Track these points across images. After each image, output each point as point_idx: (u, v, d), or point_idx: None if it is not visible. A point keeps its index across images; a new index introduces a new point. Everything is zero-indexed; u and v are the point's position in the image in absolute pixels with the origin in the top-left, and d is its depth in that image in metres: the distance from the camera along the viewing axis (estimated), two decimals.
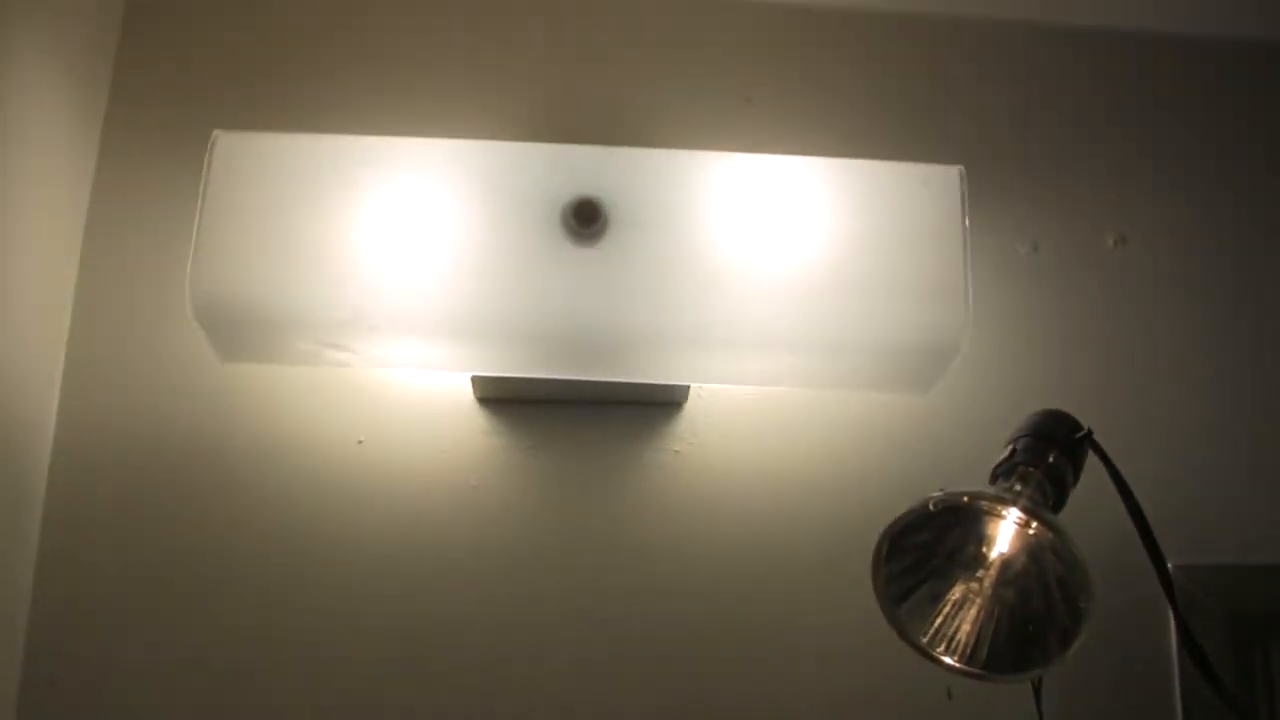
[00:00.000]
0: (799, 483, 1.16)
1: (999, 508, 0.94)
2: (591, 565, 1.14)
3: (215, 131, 1.04)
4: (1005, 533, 0.96)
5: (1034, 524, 0.93)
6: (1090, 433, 1.04)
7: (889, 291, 1.05)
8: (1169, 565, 1.14)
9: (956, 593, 0.96)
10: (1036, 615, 0.95)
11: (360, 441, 1.15)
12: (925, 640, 0.94)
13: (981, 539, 0.97)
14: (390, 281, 1.02)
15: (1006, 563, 0.96)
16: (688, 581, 1.14)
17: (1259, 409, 1.26)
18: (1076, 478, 1.03)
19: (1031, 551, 0.95)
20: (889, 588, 0.95)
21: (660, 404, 1.18)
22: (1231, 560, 1.20)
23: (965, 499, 0.94)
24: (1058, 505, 1.00)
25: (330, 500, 1.14)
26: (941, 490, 0.93)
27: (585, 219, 1.03)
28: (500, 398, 1.17)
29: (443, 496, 1.14)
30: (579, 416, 1.17)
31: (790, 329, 1.04)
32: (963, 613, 0.96)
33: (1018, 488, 0.97)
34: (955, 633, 0.95)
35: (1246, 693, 1.16)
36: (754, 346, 1.06)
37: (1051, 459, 1.00)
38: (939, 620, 0.95)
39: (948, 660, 0.94)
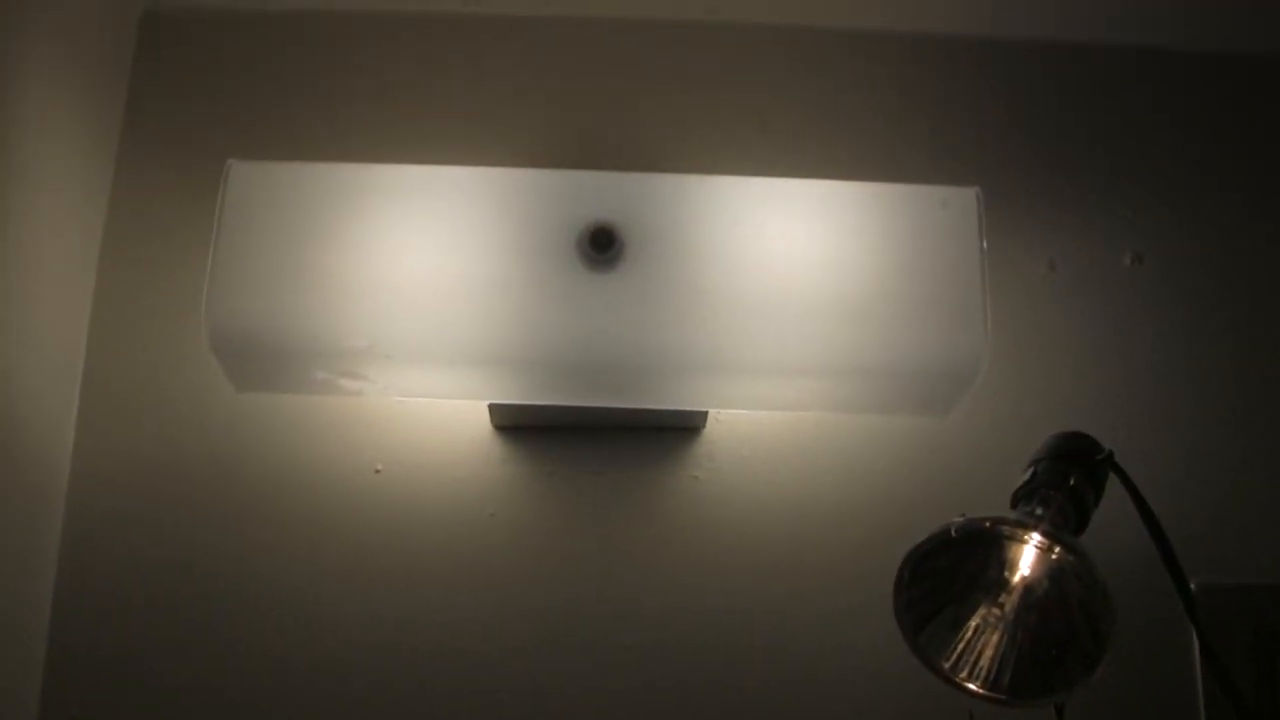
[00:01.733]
0: (819, 507, 1.16)
1: (1020, 532, 0.93)
2: (611, 592, 1.13)
3: (229, 161, 1.04)
4: (1027, 557, 0.95)
5: (1056, 548, 0.92)
6: (1111, 454, 1.03)
7: (907, 314, 1.04)
8: (1191, 585, 1.13)
9: (978, 618, 0.95)
10: (1059, 639, 0.94)
11: (378, 470, 1.15)
12: (948, 665, 0.94)
13: (1003, 563, 0.96)
14: (406, 310, 1.02)
15: (1028, 587, 0.95)
16: (708, 607, 1.13)
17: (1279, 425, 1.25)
18: (1098, 499, 1.02)
19: (1053, 575, 0.94)
20: (910, 613, 0.94)
21: (679, 429, 1.17)
22: (1254, 580, 1.19)
23: (987, 524, 0.94)
24: (1079, 528, 0.99)
25: (348, 529, 1.14)
26: (963, 515, 0.93)
27: (601, 245, 1.03)
28: (518, 425, 1.16)
29: (461, 525, 1.14)
30: (597, 443, 1.16)
31: (808, 353, 1.04)
32: (984, 638, 0.95)
33: (1039, 511, 0.97)
34: (977, 658, 0.94)
35: (1270, 712, 1.15)
36: (771, 371, 1.05)
37: (1072, 481, 1.00)
38: (961, 646, 0.95)
39: (971, 686, 0.93)
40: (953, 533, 0.92)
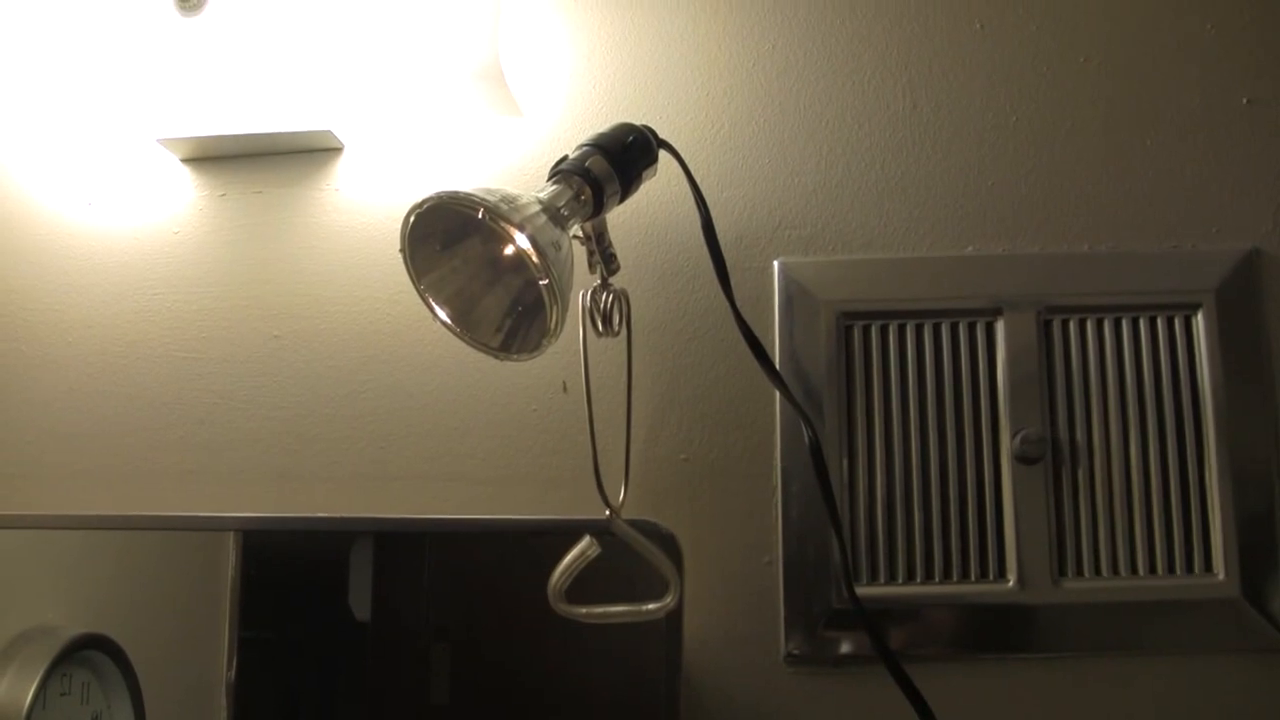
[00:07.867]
0: None
1: (474, 204, 1.01)
2: (271, 288, 1.33)
3: None
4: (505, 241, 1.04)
5: (500, 223, 1.03)
6: (645, 135, 1.14)
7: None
8: (776, 263, 1.25)
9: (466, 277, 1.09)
10: (529, 303, 1.07)
11: (90, 204, 1.36)
12: (447, 316, 1.08)
13: (490, 238, 1.06)
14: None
15: (503, 256, 1.07)
16: (345, 295, 1.32)
17: (871, 123, 1.31)
18: (629, 179, 1.13)
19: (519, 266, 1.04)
20: (416, 264, 1.06)
21: (324, 150, 1.34)
22: (839, 257, 1.28)
23: (445, 199, 1.02)
24: (597, 206, 1.10)
25: (62, 260, 1.35)
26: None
27: None
28: (198, 157, 1.35)
29: (152, 240, 1.34)
30: (259, 167, 1.34)
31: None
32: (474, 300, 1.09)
33: (545, 192, 1.08)
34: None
35: (846, 370, 1.26)
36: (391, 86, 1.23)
37: (589, 163, 1.10)
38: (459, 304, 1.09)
39: (442, 315, 1.08)
40: (423, 209, 1.03)
